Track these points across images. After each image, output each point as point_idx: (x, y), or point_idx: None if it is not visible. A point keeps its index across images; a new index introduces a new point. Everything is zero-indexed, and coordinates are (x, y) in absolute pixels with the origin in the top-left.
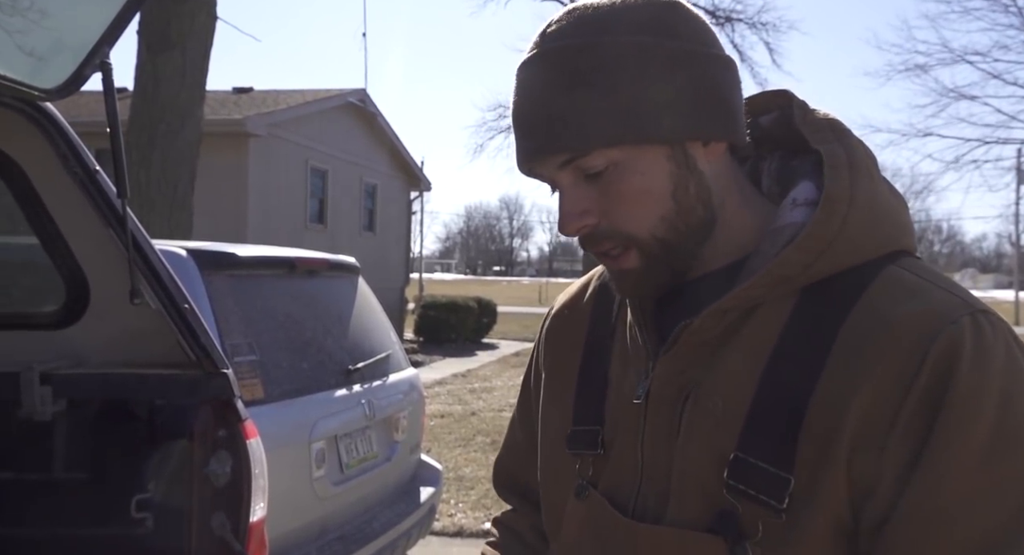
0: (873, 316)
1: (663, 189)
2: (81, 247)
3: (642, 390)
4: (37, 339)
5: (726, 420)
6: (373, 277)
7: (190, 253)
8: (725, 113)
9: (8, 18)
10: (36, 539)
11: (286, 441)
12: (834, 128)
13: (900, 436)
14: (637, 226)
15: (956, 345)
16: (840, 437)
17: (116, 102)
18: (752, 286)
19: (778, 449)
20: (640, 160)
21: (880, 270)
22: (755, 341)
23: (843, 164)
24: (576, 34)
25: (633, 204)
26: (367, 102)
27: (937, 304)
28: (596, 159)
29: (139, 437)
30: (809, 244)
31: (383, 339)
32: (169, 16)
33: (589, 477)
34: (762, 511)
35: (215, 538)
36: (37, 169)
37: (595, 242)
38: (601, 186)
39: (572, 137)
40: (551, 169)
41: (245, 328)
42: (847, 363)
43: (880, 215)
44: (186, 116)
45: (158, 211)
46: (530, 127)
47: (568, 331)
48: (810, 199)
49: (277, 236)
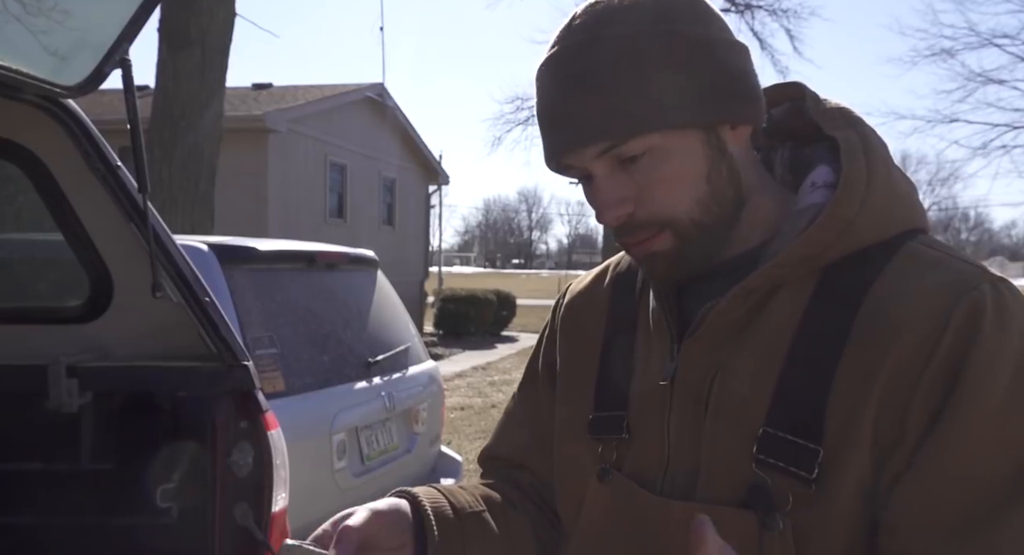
0: (894, 290)
1: (698, 172)
2: (104, 242)
3: (668, 374)
4: (63, 333)
5: (754, 397)
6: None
7: (211, 248)
8: (751, 97)
9: (30, 18)
10: (65, 528)
11: (307, 433)
12: (846, 116)
13: (923, 396)
14: (673, 209)
15: (979, 309)
16: (866, 405)
17: (136, 98)
18: (776, 265)
19: (806, 423)
20: (677, 144)
21: (899, 247)
22: (779, 319)
23: (858, 148)
24: (606, 25)
25: (670, 188)
26: (385, 96)
27: (958, 273)
28: (636, 145)
29: (163, 429)
30: (831, 223)
31: (402, 332)
32: (188, 13)
33: (612, 462)
34: (792, 482)
35: (238, 528)
36: (60, 165)
37: (631, 231)
38: (637, 173)
39: (613, 125)
40: (587, 160)
41: (266, 321)
42: (870, 336)
43: (896, 196)
44: (206, 112)
45: (180, 207)
46: (565, 119)
47: (586, 319)
48: (829, 181)
49: (297, 231)
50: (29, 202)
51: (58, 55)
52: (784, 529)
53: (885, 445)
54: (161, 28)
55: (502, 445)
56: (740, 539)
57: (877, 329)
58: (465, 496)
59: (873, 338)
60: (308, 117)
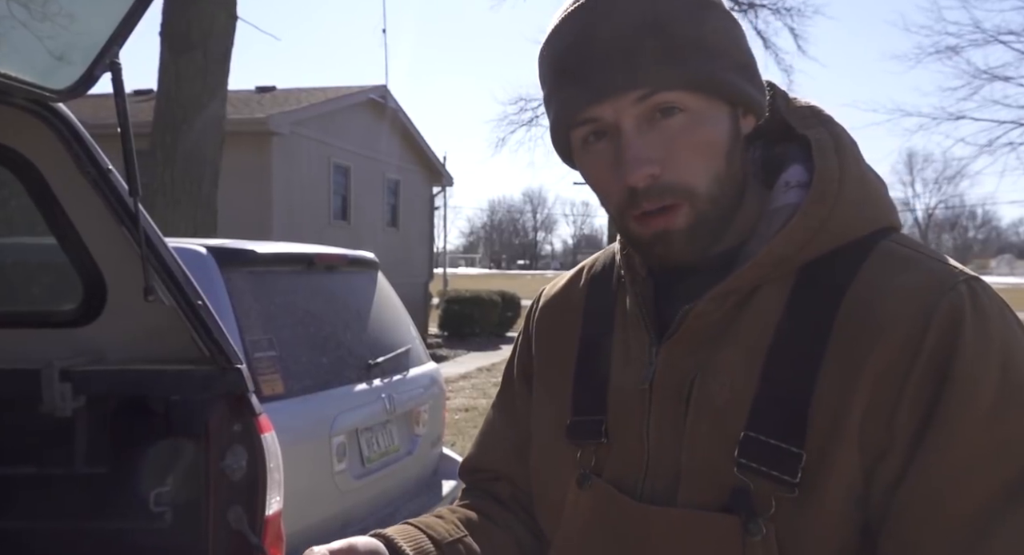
0: (872, 289)
1: (722, 146)
2: (97, 246)
3: (647, 377)
4: (57, 337)
5: (734, 401)
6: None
7: (210, 250)
8: (762, 89)
9: (21, 22)
10: (59, 533)
11: (307, 435)
12: (817, 114)
13: (910, 401)
14: (699, 180)
15: (959, 311)
16: (850, 408)
17: (126, 102)
18: (753, 266)
19: (788, 425)
20: (711, 112)
21: (873, 245)
22: (757, 322)
23: (830, 147)
24: None
25: (698, 155)
26: (388, 98)
27: (934, 273)
28: (680, 99)
29: (156, 432)
30: (806, 223)
31: (403, 334)
32: (189, 17)
33: (592, 467)
34: (775, 487)
35: (232, 531)
36: (52, 169)
37: (655, 194)
38: (667, 133)
39: (659, 72)
40: (621, 108)
41: (265, 324)
42: (851, 337)
43: (868, 194)
44: (208, 115)
45: (182, 209)
46: (607, 60)
47: (561, 323)
48: (803, 181)
49: (301, 233)
50: (22, 206)
51: (47, 59)
52: (767, 535)
53: (872, 449)
54: (163, 32)
55: (482, 456)
56: (722, 545)
57: (857, 330)
58: (443, 525)
59: (853, 340)
60: (311, 119)
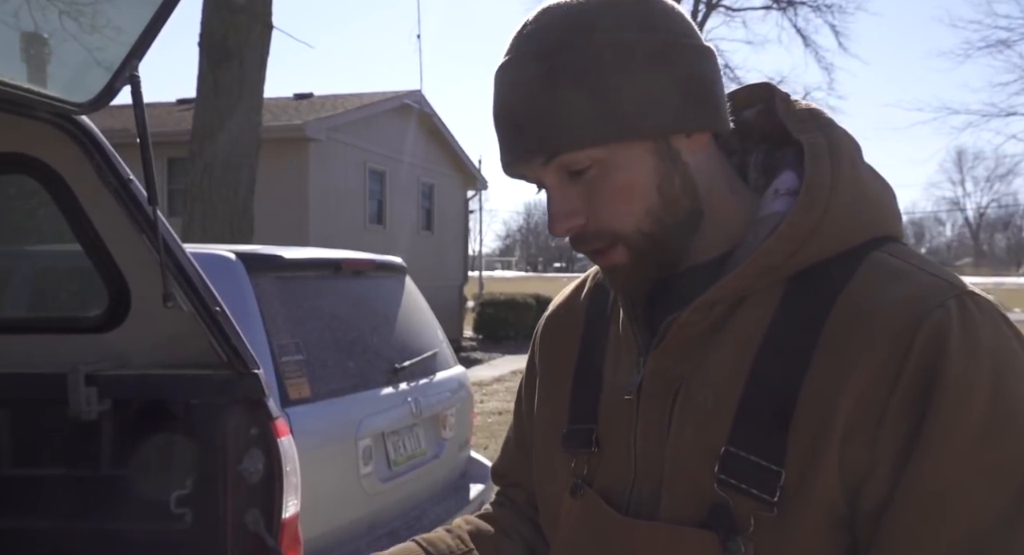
0: (858, 303)
1: (648, 184)
2: (121, 253)
3: (634, 386)
4: (83, 342)
5: (716, 414)
6: (431, 276)
7: (238, 256)
8: (707, 103)
9: (44, 39)
10: (85, 532)
11: (333, 438)
12: (816, 118)
13: (893, 423)
14: (623, 222)
15: (943, 329)
16: (830, 428)
17: (145, 113)
18: (736, 277)
19: (768, 442)
20: (624, 157)
21: (864, 256)
22: (744, 333)
23: (823, 152)
24: (553, 34)
25: (618, 201)
26: (423, 103)
27: (922, 288)
28: (579, 158)
29: (177, 435)
30: (791, 232)
31: (430, 338)
32: (227, 28)
33: (584, 475)
34: (754, 505)
35: (250, 534)
36: (77, 179)
37: (585, 242)
38: (586, 185)
39: (553, 137)
40: (534, 169)
41: (292, 328)
42: (834, 353)
43: (863, 201)
44: (245, 123)
45: (220, 216)
46: (510, 128)
47: (563, 331)
48: (792, 188)
49: (337, 238)
50: (50, 215)
51: (69, 73)
52: (746, 554)
53: (854, 472)
54: (201, 42)
55: (502, 463)
56: None
57: (842, 347)
58: (449, 540)
59: (838, 356)
60: (347, 125)
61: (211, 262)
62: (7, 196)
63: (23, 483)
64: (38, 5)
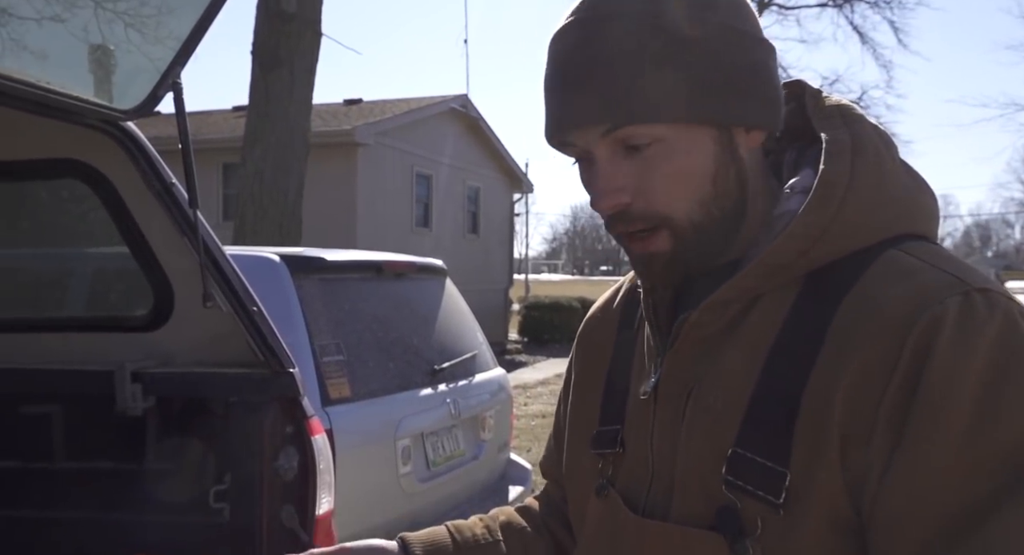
0: (864, 302)
1: (705, 171)
2: (164, 255)
3: (650, 386)
4: (129, 340)
5: (726, 416)
6: (476, 279)
7: (282, 258)
8: (772, 100)
9: (94, 48)
10: (129, 524)
11: (373, 438)
12: (843, 114)
13: (884, 424)
14: (674, 207)
15: (937, 326)
16: (830, 428)
17: (186, 118)
18: (744, 277)
19: (774, 443)
20: (688, 139)
21: (880, 254)
22: (756, 333)
23: (845, 149)
24: (630, 1)
25: (674, 184)
26: (469, 107)
27: (926, 284)
28: (644, 132)
29: (216, 432)
30: (801, 231)
31: (470, 339)
32: (278, 36)
33: (609, 476)
34: (761, 507)
35: (285, 529)
36: (123, 183)
37: (626, 222)
38: (640, 162)
39: (628, 106)
40: (590, 139)
41: (334, 329)
42: (837, 352)
43: (886, 198)
44: (295, 129)
45: (270, 219)
46: (575, 90)
47: (598, 335)
48: (806, 186)
49: (385, 241)
50: (99, 218)
51: (117, 82)
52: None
53: (854, 473)
54: (254, 51)
55: (545, 460)
56: None
57: (843, 346)
58: (477, 529)
59: (839, 356)
60: (395, 130)
61: (256, 264)
62: (60, 200)
63: (71, 475)
64: (95, 15)
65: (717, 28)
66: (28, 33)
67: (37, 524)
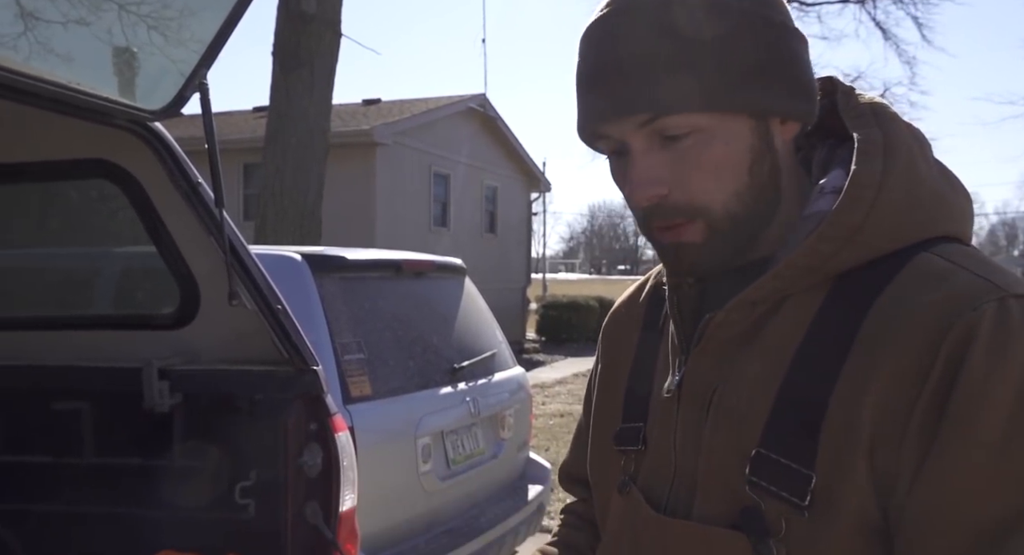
0: (894, 306)
1: (742, 162)
2: (191, 254)
3: (674, 385)
4: (157, 338)
5: (750, 416)
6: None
7: (304, 257)
8: (808, 94)
9: (122, 50)
10: (155, 520)
11: (393, 436)
12: (876, 112)
13: (916, 431)
14: (712, 197)
15: (971, 332)
16: (859, 433)
17: (212, 119)
18: (773, 277)
19: (799, 445)
20: (726, 129)
21: (911, 257)
22: (783, 334)
23: (877, 149)
24: None
25: (710, 175)
26: (487, 107)
27: (960, 289)
28: (682, 122)
29: (241, 429)
30: (832, 232)
31: (489, 338)
32: (299, 36)
33: (632, 473)
34: (785, 508)
35: (309, 525)
36: (151, 183)
37: (664, 214)
38: (677, 153)
39: (663, 96)
40: (627, 129)
41: (354, 327)
42: (867, 355)
43: (920, 199)
44: (315, 129)
45: (290, 218)
46: (611, 82)
47: (622, 331)
48: (838, 186)
49: (403, 240)
50: (128, 218)
51: (145, 83)
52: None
53: (883, 478)
54: (275, 52)
55: (572, 462)
56: None
57: (873, 350)
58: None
59: (869, 360)
60: (413, 130)
61: (278, 263)
62: (89, 200)
63: (100, 471)
64: (119, 18)
65: (748, 16)
66: (54, 36)
67: (66, 519)
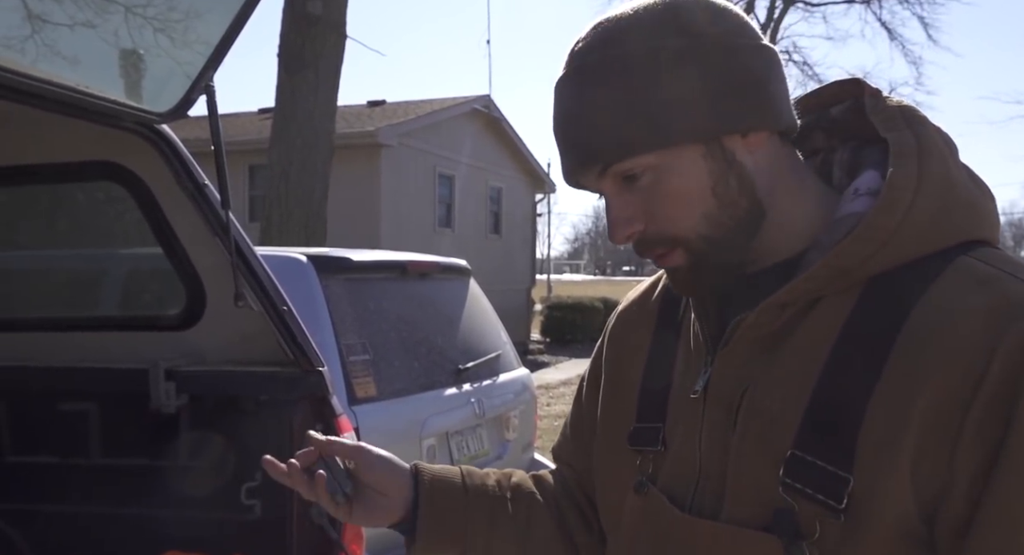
0: (938, 309)
1: (702, 187)
2: (198, 255)
3: (701, 385)
4: (163, 339)
5: (783, 417)
6: (499, 279)
7: (309, 258)
8: (757, 102)
9: (129, 52)
10: (162, 520)
11: (398, 437)
12: (906, 115)
13: (971, 439)
14: (680, 227)
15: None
16: (902, 439)
17: (219, 121)
18: (808, 279)
19: (836, 448)
20: (674, 161)
21: (951, 260)
22: (815, 336)
23: (911, 151)
24: (596, 48)
25: (673, 205)
26: (491, 108)
27: (1009, 295)
28: (631, 165)
29: (247, 430)
30: (868, 234)
31: (494, 339)
32: (304, 38)
33: (649, 473)
34: (820, 511)
35: (314, 526)
36: (158, 184)
37: (646, 247)
38: (642, 191)
39: (603, 148)
40: (592, 179)
41: (359, 329)
42: (910, 360)
43: (953, 203)
44: (320, 130)
45: (295, 220)
46: (566, 142)
47: (634, 330)
48: (873, 188)
49: (408, 241)
50: (134, 219)
51: (151, 85)
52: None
53: (930, 487)
54: (280, 53)
55: (559, 447)
56: None
57: (917, 355)
58: (489, 481)
59: (912, 365)
60: (418, 131)
61: (284, 264)
62: (96, 201)
63: (106, 471)
64: (125, 20)
65: (689, 53)
66: (60, 38)
67: (73, 519)
